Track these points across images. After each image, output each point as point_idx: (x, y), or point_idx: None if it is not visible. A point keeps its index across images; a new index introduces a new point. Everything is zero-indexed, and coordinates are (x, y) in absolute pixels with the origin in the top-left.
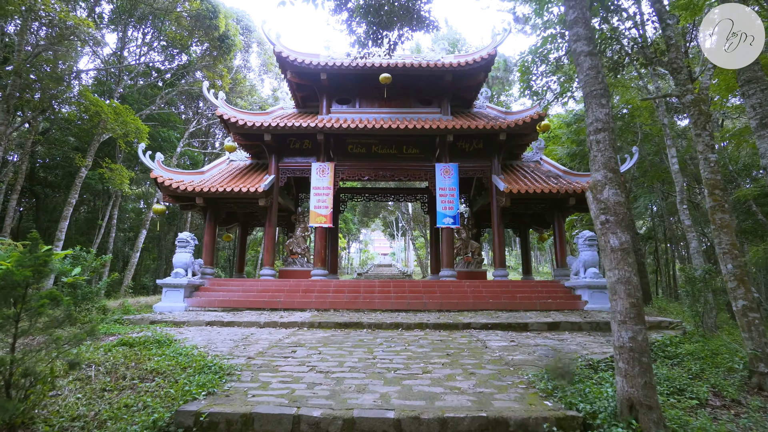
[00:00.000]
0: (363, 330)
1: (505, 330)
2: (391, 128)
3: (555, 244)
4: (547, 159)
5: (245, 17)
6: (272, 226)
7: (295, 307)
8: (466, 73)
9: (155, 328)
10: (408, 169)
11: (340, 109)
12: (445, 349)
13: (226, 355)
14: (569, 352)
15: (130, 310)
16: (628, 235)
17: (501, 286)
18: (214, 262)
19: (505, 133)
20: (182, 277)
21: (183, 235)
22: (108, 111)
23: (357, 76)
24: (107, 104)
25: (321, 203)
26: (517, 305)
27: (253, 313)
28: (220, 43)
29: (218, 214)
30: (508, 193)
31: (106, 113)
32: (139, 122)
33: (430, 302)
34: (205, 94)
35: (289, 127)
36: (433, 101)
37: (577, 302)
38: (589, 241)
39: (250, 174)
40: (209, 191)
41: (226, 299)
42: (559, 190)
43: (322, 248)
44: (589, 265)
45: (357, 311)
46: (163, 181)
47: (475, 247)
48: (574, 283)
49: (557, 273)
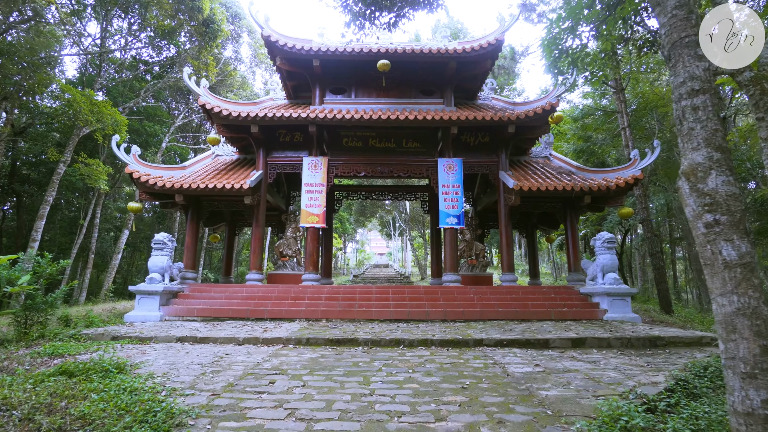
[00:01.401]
0: (358, 348)
1: (524, 347)
2: (389, 119)
3: (567, 246)
4: (557, 154)
5: (234, 4)
6: (260, 227)
7: (283, 316)
8: (471, 60)
9: (115, 346)
10: (408, 164)
11: (335, 100)
12: (458, 377)
13: (186, 388)
14: (611, 382)
15: (94, 322)
16: (748, 243)
17: (510, 293)
18: (205, 264)
19: (514, 126)
20: (157, 283)
21: (159, 236)
22: (81, 99)
23: (353, 63)
24: (80, 92)
25: (313, 201)
26: (529, 315)
27: (234, 325)
28: (205, 29)
29: (201, 213)
30: (518, 190)
31: (78, 102)
32: (117, 114)
33: (433, 311)
34: (186, 81)
35: (277, 117)
36: (435, 91)
37: (596, 311)
38: (608, 243)
39: (236, 169)
40: (189, 188)
41: (206, 308)
42: (573, 187)
43: (314, 250)
44: (608, 269)
45: (352, 321)
46: (139, 177)
47: (479, 249)
48: (591, 289)
49: (571, 278)
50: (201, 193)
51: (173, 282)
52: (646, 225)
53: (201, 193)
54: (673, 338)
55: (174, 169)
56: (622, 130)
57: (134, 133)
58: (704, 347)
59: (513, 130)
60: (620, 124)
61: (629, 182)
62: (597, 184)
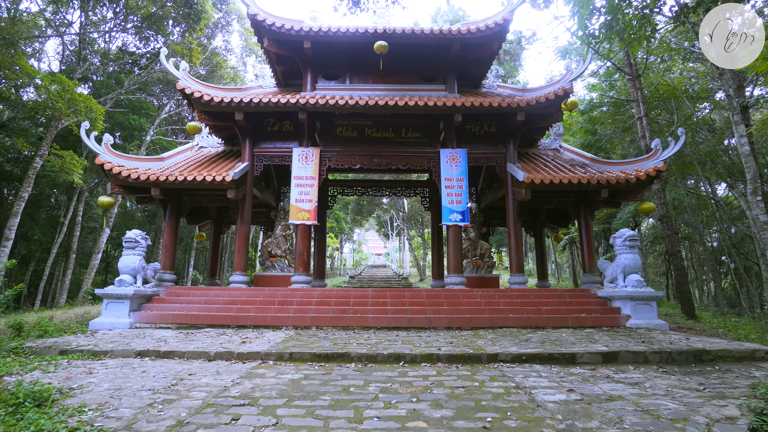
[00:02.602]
0: (350, 366)
1: (547, 363)
2: (387, 105)
3: (581, 245)
4: (568, 146)
5: None
6: (245, 224)
7: (268, 323)
8: (476, 42)
9: (60, 362)
10: (407, 155)
11: (328, 86)
12: (475, 409)
13: (120, 429)
14: (674, 417)
15: (48, 331)
16: None
17: (521, 297)
18: (196, 265)
19: (524, 113)
20: (127, 286)
21: (131, 234)
22: (46, 80)
23: (347, 45)
24: (48, 74)
25: (304, 196)
26: (543, 321)
27: (211, 334)
28: (188, 10)
29: (182, 209)
30: (529, 183)
31: (45, 85)
32: (92, 101)
33: (437, 318)
34: (163, 63)
35: (264, 103)
36: (437, 77)
37: (617, 317)
38: (630, 241)
39: (221, 161)
40: (167, 180)
41: (182, 314)
42: (589, 180)
43: (305, 250)
44: (630, 270)
45: (345, 329)
46: (111, 168)
47: (485, 248)
48: (611, 292)
49: (586, 280)
50: (180, 186)
51: (147, 284)
52: (665, 222)
53: (180, 186)
54: (720, 352)
55: (151, 160)
56: (638, 120)
57: (119, 127)
58: (759, 362)
59: (522, 117)
60: (636, 113)
61: (651, 174)
62: (615, 177)
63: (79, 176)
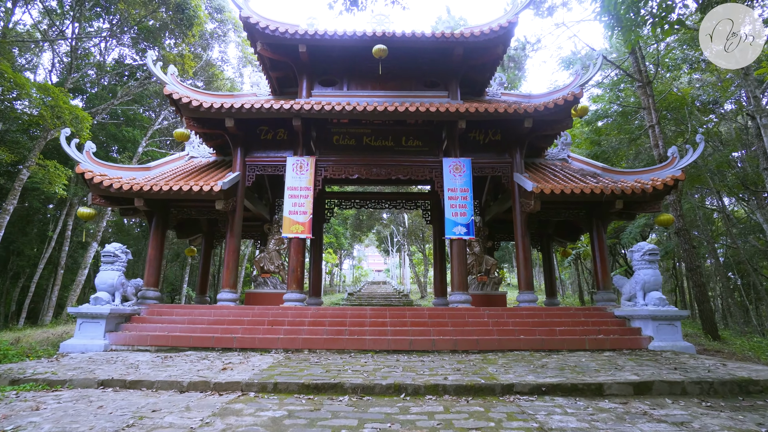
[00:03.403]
0: (343, 399)
1: (569, 395)
2: (387, 111)
3: (594, 259)
4: (577, 156)
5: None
6: (235, 237)
7: (256, 346)
8: (480, 46)
9: (8, 394)
10: (408, 165)
11: (324, 92)
12: None
13: None
14: None
15: (7, 355)
16: None
17: (532, 316)
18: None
19: (532, 120)
20: (103, 304)
21: (110, 247)
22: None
23: (345, 50)
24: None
25: (298, 208)
26: (558, 344)
27: (191, 359)
28: (180, 15)
29: (168, 222)
30: (538, 194)
31: (27, 89)
32: (78, 110)
33: (441, 339)
34: (150, 67)
35: (256, 109)
36: (438, 84)
37: (638, 339)
38: (650, 255)
39: (211, 172)
40: (151, 190)
41: (162, 335)
42: (603, 190)
43: (299, 265)
44: (650, 287)
45: (341, 353)
46: (92, 177)
47: (491, 263)
48: (630, 311)
49: (600, 297)
50: (165, 197)
51: (127, 303)
52: (682, 235)
53: (165, 197)
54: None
55: (137, 169)
56: (650, 129)
57: (112, 139)
58: None
59: (530, 124)
60: (647, 121)
61: (668, 184)
62: (631, 187)
63: (62, 187)
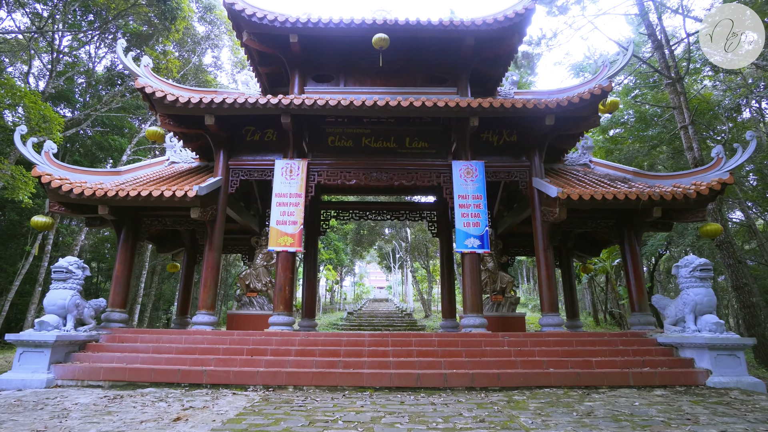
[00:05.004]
0: None
1: None
2: (388, 106)
3: (627, 276)
4: (600, 160)
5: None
6: (214, 250)
7: (230, 381)
8: (493, 36)
9: None
10: (413, 169)
11: (319, 89)
12: None
13: None
14: None
15: None
16: None
17: (561, 344)
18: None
19: (554, 116)
20: (49, 330)
21: (63, 262)
22: None
23: (341, 41)
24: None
25: (287, 217)
26: (597, 378)
27: (146, 399)
28: (162, 6)
29: (139, 233)
30: (565, 200)
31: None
32: (49, 110)
33: (454, 374)
34: (120, 56)
35: (240, 104)
36: (446, 79)
37: (693, 373)
38: (701, 271)
39: (191, 177)
40: (116, 196)
41: (119, 366)
42: (639, 196)
43: (287, 283)
44: (703, 309)
45: (333, 390)
46: (49, 181)
47: (506, 281)
48: (679, 339)
49: (636, 320)
50: (133, 203)
51: (83, 327)
52: (725, 249)
53: (133, 203)
54: None
55: (105, 174)
56: (682, 130)
57: (97, 147)
58: None
59: (552, 122)
60: (679, 121)
61: (714, 189)
62: (671, 192)
63: (29, 195)
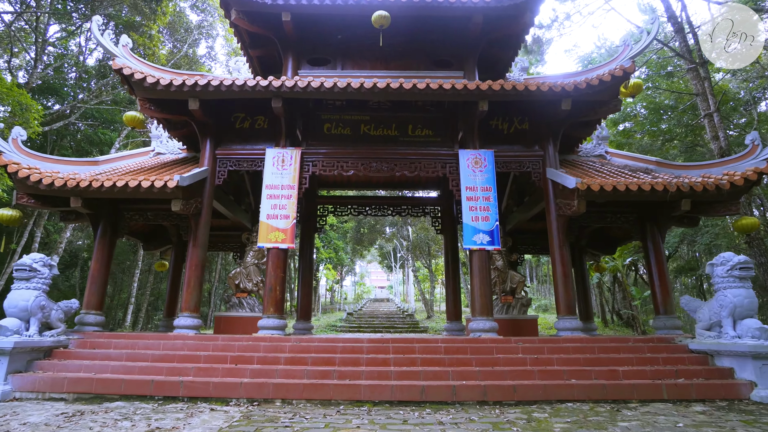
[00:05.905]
0: None
1: None
2: (390, 89)
3: (651, 275)
4: (618, 151)
5: None
6: (199, 247)
7: (210, 394)
8: (503, 14)
9: None
10: (416, 159)
11: (314, 73)
12: None
13: None
14: None
15: None
16: None
17: (581, 350)
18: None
19: (570, 100)
20: (8, 335)
21: (26, 259)
22: None
23: (339, 20)
24: None
25: (278, 211)
26: (626, 391)
27: (110, 417)
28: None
29: (118, 228)
30: (584, 191)
31: None
32: (26, 97)
33: (464, 385)
34: (96, 35)
35: (226, 87)
36: (452, 62)
37: (734, 385)
38: (741, 270)
39: (175, 168)
40: (90, 187)
41: (87, 377)
42: (667, 186)
43: (279, 283)
44: (743, 313)
45: (325, 405)
46: (16, 171)
47: (516, 281)
48: (715, 345)
49: (660, 324)
50: (109, 195)
51: (49, 332)
52: (756, 246)
53: (109, 195)
54: None
55: (80, 164)
56: (706, 118)
57: (87, 141)
58: None
59: (568, 106)
60: (702, 109)
61: (750, 179)
62: (702, 183)
63: (2, 188)
